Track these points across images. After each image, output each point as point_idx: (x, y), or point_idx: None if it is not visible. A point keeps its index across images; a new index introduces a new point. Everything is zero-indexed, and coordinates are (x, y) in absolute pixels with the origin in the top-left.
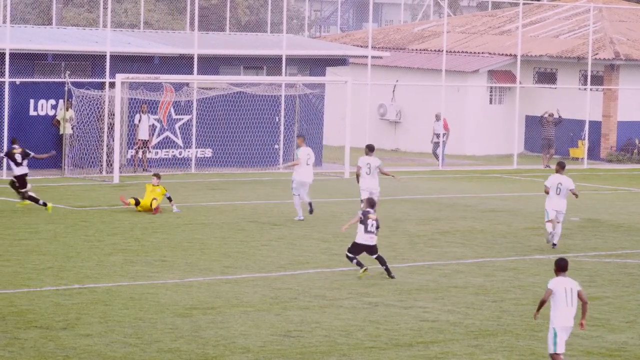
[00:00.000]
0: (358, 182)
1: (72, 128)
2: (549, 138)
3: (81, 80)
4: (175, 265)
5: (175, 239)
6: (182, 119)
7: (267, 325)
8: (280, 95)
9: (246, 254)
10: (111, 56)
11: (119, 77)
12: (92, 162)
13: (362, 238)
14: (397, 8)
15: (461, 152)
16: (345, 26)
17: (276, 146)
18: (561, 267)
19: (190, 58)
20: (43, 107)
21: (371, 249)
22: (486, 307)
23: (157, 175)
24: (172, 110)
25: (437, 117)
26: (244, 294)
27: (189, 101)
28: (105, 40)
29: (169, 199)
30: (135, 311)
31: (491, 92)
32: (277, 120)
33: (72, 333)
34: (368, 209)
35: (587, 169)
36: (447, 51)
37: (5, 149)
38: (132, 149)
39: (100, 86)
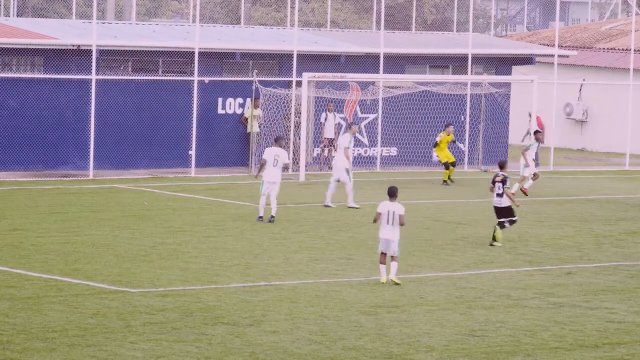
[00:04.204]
0: None
1: (260, 126)
2: None
3: (268, 79)
4: (361, 264)
5: (360, 237)
6: (368, 117)
7: (452, 325)
8: (466, 94)
9: (430, 252)
10: (298, 55)
11: (306, 76)
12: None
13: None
14: (584, 6)
15: None
16: (532, 25)
17: (461, 145)
18: (390, 193)
19: (376, 57)
20: (231, 106)
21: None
22: None
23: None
24: (358, 109)
25: (531, 116)
26: (428, 292)
27: (374, 100)
28: (293, 39)
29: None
30: (320, 309)
31: None
32: (462, 119)
33: (258, 329)
34: (498, 172)
35: None
36: (635, 50)
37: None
38: (318, 147)
39: (287, 85)
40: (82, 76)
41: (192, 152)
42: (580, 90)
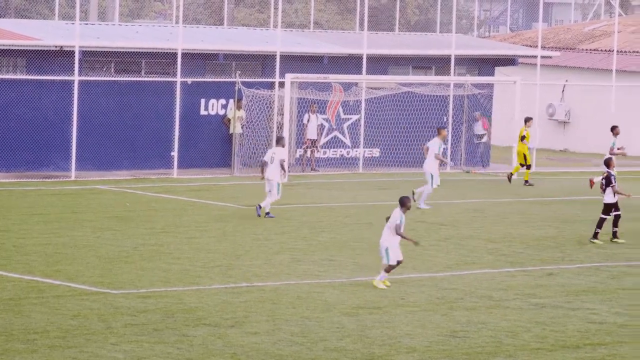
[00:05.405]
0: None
1: (242, 127)
2: None
3: (251, 80)
4: (343, 265)
5: (343, 238)
6: (351, 118)
7: (433, 326)
8: (449, 95)
9: (413, 253)
10: (281, 56)
11: (289, 77)
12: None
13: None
14: (568, 7)
15: (632, 152)
16: (515, 26)
17: (443, 146)
18: (400, 202)
19: (359, 58)
20: (213, 107)
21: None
22: None
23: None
24: (341, 110)
25: (476, 118)
26: (410, 294)
27: (357, 101)
28: (276, 40)
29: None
30: (302, 310)
31: None
32: (445, 120)
33: (239, 331)
34: (609, 171)
35: None
36: (617, 51)
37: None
38: (300, 148)
39: (270, 86)
40: (65, 77)
41: (175, 153)
42: (562, 91)
